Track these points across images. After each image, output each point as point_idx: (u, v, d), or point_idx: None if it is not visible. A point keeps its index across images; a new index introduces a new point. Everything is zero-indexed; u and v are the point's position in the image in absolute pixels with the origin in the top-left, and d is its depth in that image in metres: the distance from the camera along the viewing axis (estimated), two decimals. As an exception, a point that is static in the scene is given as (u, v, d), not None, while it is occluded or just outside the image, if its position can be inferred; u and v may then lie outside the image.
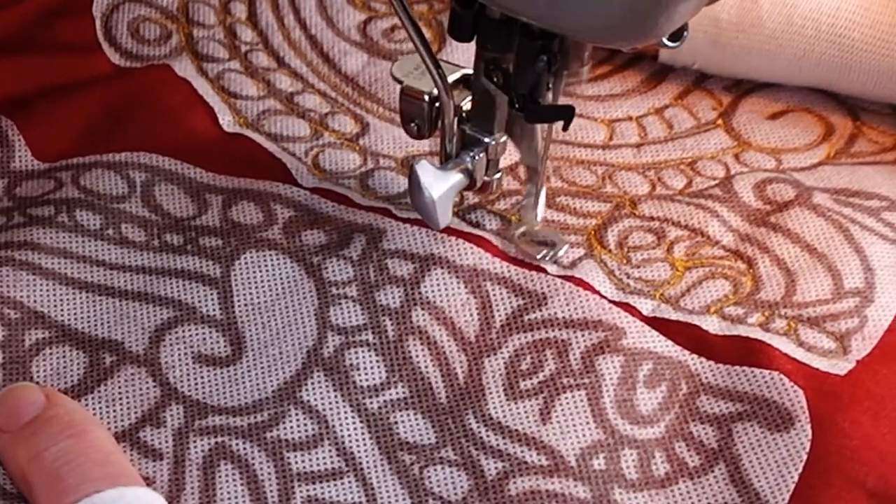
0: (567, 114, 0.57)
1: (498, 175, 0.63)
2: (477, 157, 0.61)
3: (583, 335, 0.59)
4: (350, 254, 0.61)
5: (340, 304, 0.60)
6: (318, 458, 0.55)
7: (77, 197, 0.63)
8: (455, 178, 0.60)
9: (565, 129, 0.58)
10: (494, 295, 0.60)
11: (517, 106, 0.57)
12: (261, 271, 0.61)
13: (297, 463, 0.55)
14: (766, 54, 0.68)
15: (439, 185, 0.59)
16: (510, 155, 0.63)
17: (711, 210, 0.64)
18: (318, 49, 0.71)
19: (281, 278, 0.61)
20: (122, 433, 0.56)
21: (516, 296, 0.60)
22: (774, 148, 0.68)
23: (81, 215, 0.62)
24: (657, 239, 0.63)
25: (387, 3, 0.73)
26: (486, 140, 0.60)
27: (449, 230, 0.62)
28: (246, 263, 0.61)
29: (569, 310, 0.60)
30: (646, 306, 0.60)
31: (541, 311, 0.60)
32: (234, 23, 0.72)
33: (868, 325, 0.60)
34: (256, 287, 0.60)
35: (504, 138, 0.61)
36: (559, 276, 0.61)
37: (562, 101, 0.58)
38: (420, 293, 0.60)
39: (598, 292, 0.60)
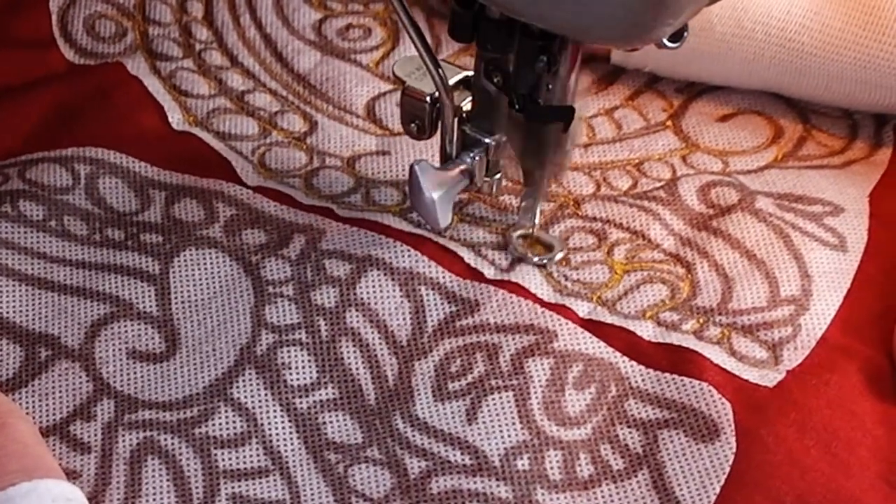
0: (566, 115, 0.57)
1: (498, 175, 0.63)
2: (477, 158, 0.61)
3: (514, 339, 0.59)
4: (289, 253, 0.62)
5: (276, 302, 0.60)
6: (244, 456, 0.56)
7: (21, 188, 0.64)
8: (455, 178, 0.60)
9: (565, 130, 0.58)
10: (428, 300, 0.60)
11: (517, 106, 0.57)
12: (199, 269, 0.61)
13: (223, 460, 0.56)
14: (717, 57, 0.67)
15: (439, 185, 0.59)
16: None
17: (654, 213, 0.64)
18: (272, 48, 0.71)
19: (219, 276, 0.61)
20: (53, 427, 0.56)
21: (449, 302, 0.60)
22: (722, 150, 0.68)
23: (24, 205, 0.63)
24: (598, 241, 0.63)
25: (343, 2, 0.73)
26: (487, 140, 0.60)
27: (389, 230, 0.63)
28: (185, 261, 0.62)
29: (501, 315, 0.60)
30: (582, 309, 0.60)
31: (473, 317, 0.60)
32: (191, 21, 0.72)
33: (801, 334, 0.59)
34: (194, 284, 0.61)
35: (504, 139, 0.61)
36: (494, 283, 0.61)
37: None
38: (355, 294, 0.60)
39: (533, 296, 0.61)
